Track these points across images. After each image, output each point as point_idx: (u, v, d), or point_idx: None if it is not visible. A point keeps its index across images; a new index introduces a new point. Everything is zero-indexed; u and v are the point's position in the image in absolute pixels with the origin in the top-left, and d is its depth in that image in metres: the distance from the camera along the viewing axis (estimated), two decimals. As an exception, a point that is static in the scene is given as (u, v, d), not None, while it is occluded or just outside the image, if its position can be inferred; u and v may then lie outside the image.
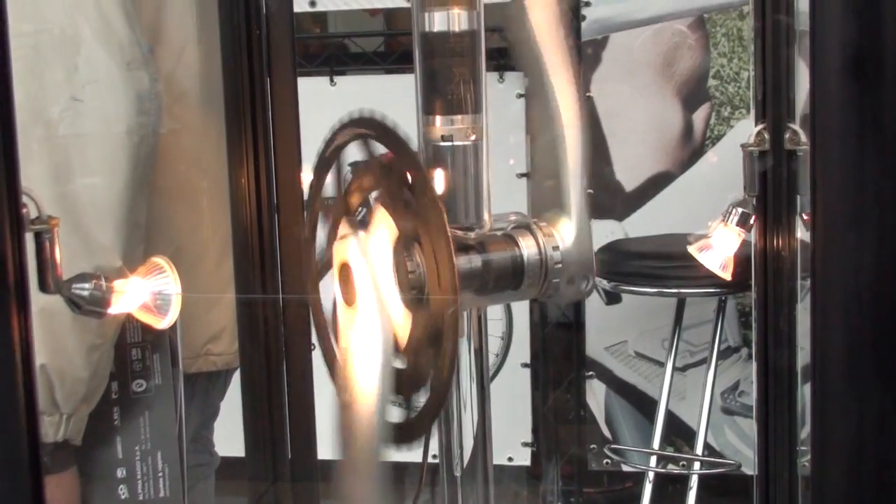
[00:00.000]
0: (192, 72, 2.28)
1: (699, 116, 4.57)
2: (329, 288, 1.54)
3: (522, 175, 4.60)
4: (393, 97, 4.57)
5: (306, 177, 1.80)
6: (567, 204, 1.54)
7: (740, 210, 1.83)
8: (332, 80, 4.75)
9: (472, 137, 1.49)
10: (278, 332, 2.37)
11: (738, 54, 4.53)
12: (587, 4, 4.58)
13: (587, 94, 4.59)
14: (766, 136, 1.75)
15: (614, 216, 4.61)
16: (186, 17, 2.28)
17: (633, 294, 4.19)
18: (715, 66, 4.56)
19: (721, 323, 4.18)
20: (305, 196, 1.66)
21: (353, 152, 1.52)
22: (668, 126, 4.59)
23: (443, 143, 1.49)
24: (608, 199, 4.59)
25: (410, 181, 1.40)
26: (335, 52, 4.86)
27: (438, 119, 1.49)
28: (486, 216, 1.55)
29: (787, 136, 1.75)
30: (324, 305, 1.59)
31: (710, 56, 4.55)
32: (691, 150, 4.59)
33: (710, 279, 2.30)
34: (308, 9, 4.65)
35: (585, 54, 4.59)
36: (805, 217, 1.74)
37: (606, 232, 4.55)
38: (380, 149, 1.45)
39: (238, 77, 2.41)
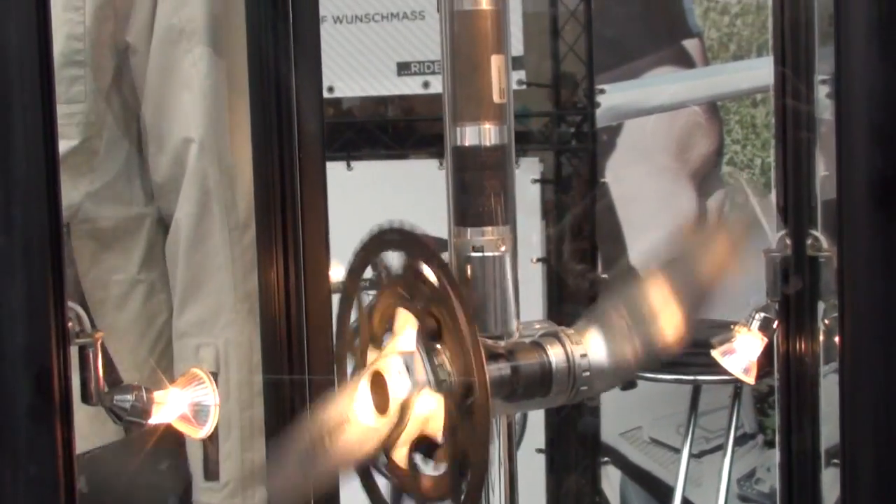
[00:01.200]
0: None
1: (713, 203, 4.61)
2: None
3: (539, 260, 4.63)
4: (409, 183, 4.65)
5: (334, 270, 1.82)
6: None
7: (763, 315, 1.85)
8: (348, 166, 4.81)
9: (503, 249, 1.52)
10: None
11: (751, 141, 4.58)
12: (601, 92, 4.64)
13: (602, 180, 4.64)
14: (788, 241, 1.78)
15: (629, 301, 4.63)
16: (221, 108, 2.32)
17: (649, 381, 4.20)
18: (729, 153, 4.60)
19: (737, 409, 4.18)
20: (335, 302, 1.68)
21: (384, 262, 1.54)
22: (682, 212, 4.63)
23: (473, 254, 1.52)
24: (622, 283, 4.60)
25: (441, 291, 1.43)
26: (352, 138, 4.92)
27: (469, 230, 1.52)
28: (514, 324, 1.57)
29: (808, 242, 1.78)
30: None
31: (725, 143, 4.60)
32: (706, 235, 4.61)
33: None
34: (326, 94, 4.72)
35: (600, 140, 4.65)
36: (826, 322, 1.77)
37: (621, 316, 4.57)
38: (409, 259, 1.48)
39: (269, 167, 2.45)
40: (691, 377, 4.05)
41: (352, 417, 1.44)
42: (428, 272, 1.42)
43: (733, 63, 4.61)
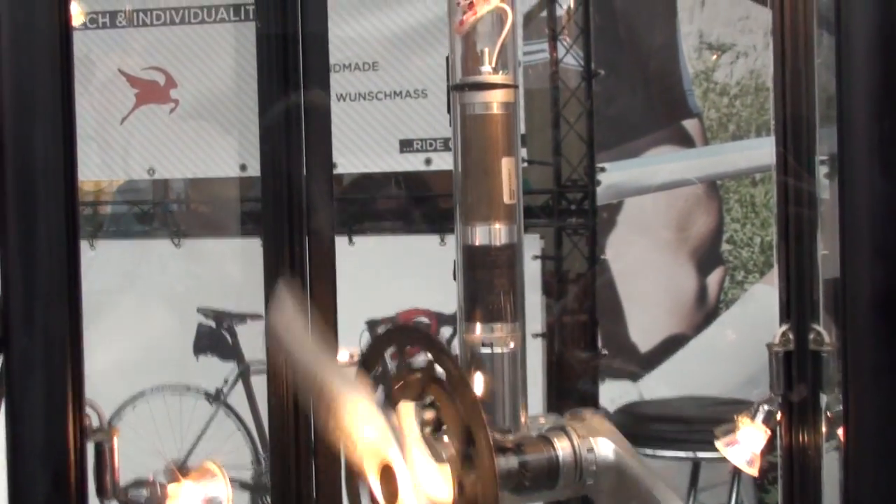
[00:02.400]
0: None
1: (713, 280, 4.65)
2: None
3: (538, 335, 4.65)
4: (411, 258, 4.68)
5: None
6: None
7: (766, 408, 1.88)
8: (350, 240, 4.84)
9: (511, 345, 1.55)
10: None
11: (751, 220, 4.63)
12: (602, 170, 4.69)
13: (602, 257, 4.68)
14: (791, 336, 1.81)
15: (629, 377, 4.65)
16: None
17: (649, 457, 4.20)
18: (728, 231, 4.65)
19: (737, 486, 4.18)
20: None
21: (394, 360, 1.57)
22: (682, 289, 4.66)
23: (483, 350, 1.55)
24: (623, 360, 4.63)
25: (452, 387, 1.46)
26: (355, 212, 4.96)
27: (479, 326, 1.56)
28: (522, 418, 1.60)
29: (811, 337, 1.81)
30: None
31: (724, 221, 4.65)
32: (705, 312, 4.65)
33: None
34: (329, 171, 4.77)
35: (601, 218, 4.69)
36: (829, 415, 1.79)
37: (621, 392, 4.59)
38: (420, 357, 1.51)
39: (280, 245, 2.47)
40: (691, 453, 4.06)
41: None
42: (439, 370, 1.45)
43: (732, 143, 4.68)
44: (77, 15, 4.46)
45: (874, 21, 1.15)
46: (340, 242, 4.90)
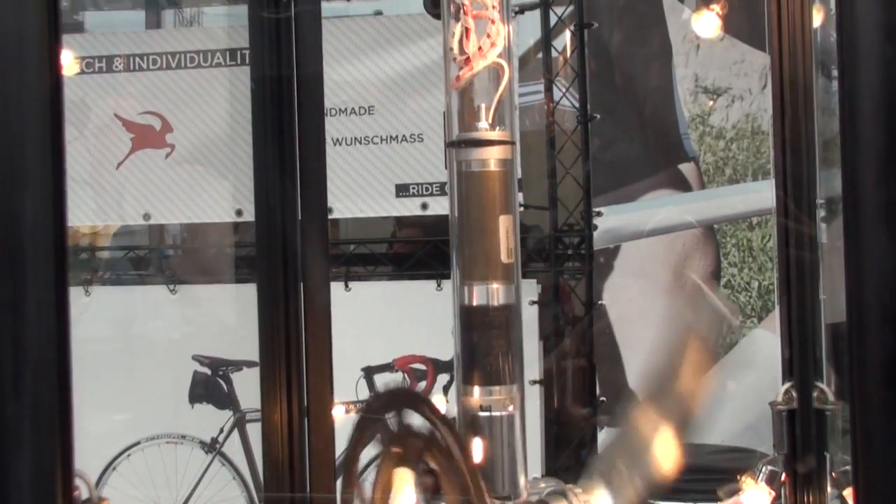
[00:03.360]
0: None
1: (711, 324, 4.61)
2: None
3: (535, 382, 4.61)
4: (408, 303, 4.65)
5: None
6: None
7: (769, 468, 1.84)
8: (346, 286, 4.81)
9: (510, 408, 1.52)
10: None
11: (748, 264, 4.61)
12: (599, 214, 4.68)
13: (600, 302, 4.65)
14: (794, 394, 1.78)
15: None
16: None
17: (649, 506, 4.16)
18: (726, 276, 4.62)
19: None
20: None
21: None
22: (679, 334, 4.62)
23: (481, 413, 1.52)
24: (621, 408, 4.59)
25: (450, 453, 1.42)
26: (350, 258, 4.94)
27: (477, 390, 1.53)
28: (522, 481, 1.56)
29: (815, 394, 1.78)
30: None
31: (722, 265, 4.62)
32: (704, 357, 4.61)
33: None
34: (325, 215, 4.75)
35: (597, 263, 4.67)
36: (835, 475, 1.76)
37: (620, 439, 4.54)
38: (417, 419, 1.47)
39: (274, 291, 2.45)
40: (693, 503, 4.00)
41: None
42: (437, 436, 1.41)
43: (729, 187, 4.66)
44: (71, 63, 4.46)
45: (879, 82, 1.13)
46: (336, 288, 4.88)
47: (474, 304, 1.51)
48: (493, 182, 1.51)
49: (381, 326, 4.69)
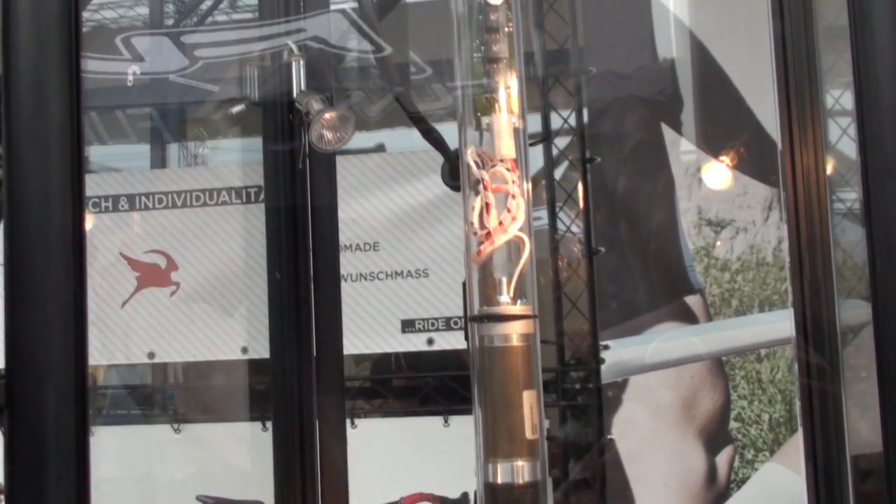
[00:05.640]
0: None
1: (722, 459, 4.56)
2: None
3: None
4: (415, 441, 4.59)
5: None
6: None
7: None
8: (352, 423, 4.77)
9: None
10: None
11: (758, 396, 4.57)
12: (606, 348, 4.66)
13: (608, 437, 4.60)
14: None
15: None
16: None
17: None
18: (736, 409, 4.58)
19: None
20: None
21: None
22: (691, 469, 4.57)
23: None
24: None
25: None
26: (356, 394, 4.91)
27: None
28: None
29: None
30: None
31: (731, 398, 4.59)
32: (716, 492, 4.55)
33: None
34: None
35: (606, 397, 4.64)
36: None
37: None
38: None
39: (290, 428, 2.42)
40: None
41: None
42: None
43: (736, 318, 4.65)
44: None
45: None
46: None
47: (499, 482, 1.49)
48: (516, 357, 1.50)
49: (388, 464, 4.63)
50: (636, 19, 4.96)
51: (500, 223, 1.49)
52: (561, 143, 4.99)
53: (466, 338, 1.57)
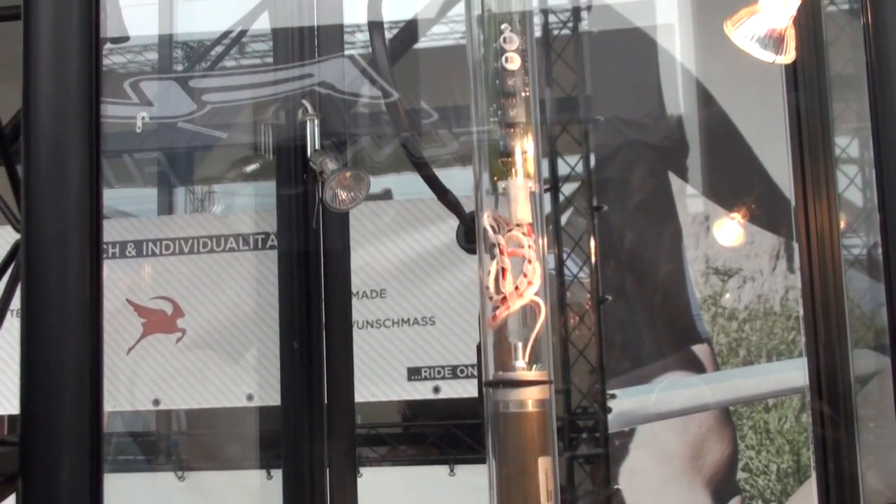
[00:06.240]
0: None
1: (730, 510, 4.53)
2: None
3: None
4: (420, 490, 4.56)
5: None
6: None
7: None
8: (358, 472, 4.73)
9: None
10: None
11: (765, 447, 4.54)
12: (613, 397, 4.64)
13: (616, 487, 4.58)
14: None
15: None
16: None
17: None
18: (743, 459, 4.56)
19: None
20: None
21: None
22: (699, 519, 4.54)
23: None
24: None
25: None
26: (361, 442, 4.88)
27: None
28: None
29: None
30: None
31: (738, 448, 4.56)
32: (724, 545, 4.52)
33: None
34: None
35: (613, 446, 4.61)
36: None
37: None
38: None
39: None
40: None
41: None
42: None
43: (743, 368, 4.64)
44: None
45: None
46: (347, 472, 4.81)
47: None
48: (531, 423, 1.49)
49: (394, 513, 4.61)
50: (643, 68, 4.98)
51: (517, 288, 1.49)
52: (568, 189, 5.00)
53: (481, 401, 1.56)
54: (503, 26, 1.53)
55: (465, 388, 4.47)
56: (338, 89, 4.19)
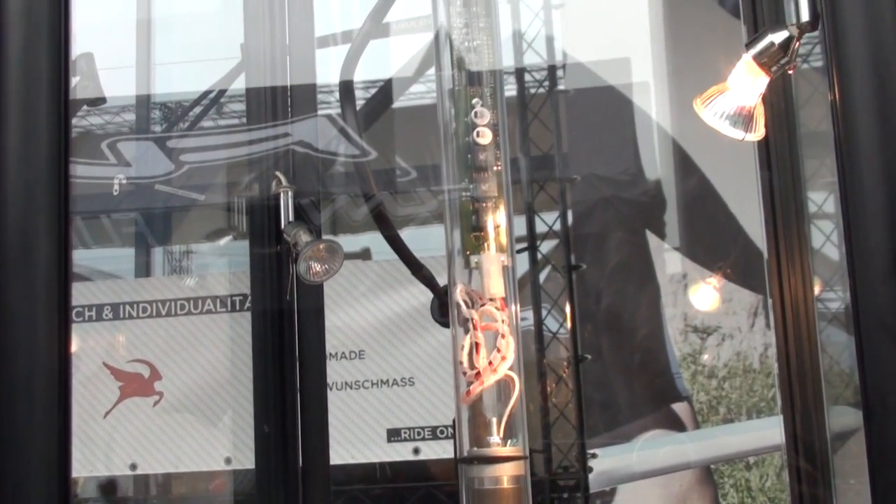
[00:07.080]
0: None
1: (713, 569, 4.51)
2: None
3: None
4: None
5: None
6: None
7: None
8: (338, 534, 4.69)
9: None
10: None
11: (747, 505, 4.53)
12: (593, 456, 4.62)
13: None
14: None
15: None
16: None
17: None
18: (726, 518, 4.54)
19: None
20: None
21: None
22: (681, 580, 4.51)
23: None
24: None
25: None
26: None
27: None
28: None
29: None
30: None
31: (720, 507, 4.55)
32: None
33: None
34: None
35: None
36: None
37: None
38: None
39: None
40: None
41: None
42: None
43: (724, 426, 4.63)
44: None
45: None
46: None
47: None
48: (507, 500, 1.47)
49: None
50: (619, 126, 5.02)
51: (490, 363, 1.48)
52: (545, 247, 5.00)
53: (457, 476, 1.55)
54: (474, 101, 1.53)
55: (445, 449, 4.44)
56: (314, 148, 4.20)
